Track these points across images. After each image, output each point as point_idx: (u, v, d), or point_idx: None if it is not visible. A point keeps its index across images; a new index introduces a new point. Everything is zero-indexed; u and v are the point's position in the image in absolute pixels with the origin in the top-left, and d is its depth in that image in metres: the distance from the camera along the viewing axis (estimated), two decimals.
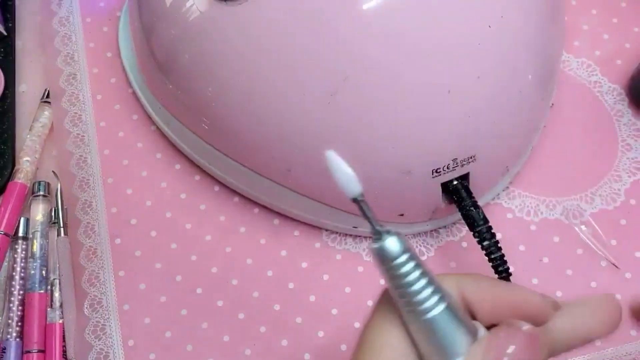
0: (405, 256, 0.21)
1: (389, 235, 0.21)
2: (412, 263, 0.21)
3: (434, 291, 0.21)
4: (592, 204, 0.42)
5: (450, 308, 0.21)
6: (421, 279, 0.21)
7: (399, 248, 0.21)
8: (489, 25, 0.35)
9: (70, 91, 0.45)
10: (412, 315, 0.21)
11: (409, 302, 0.21)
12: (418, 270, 0.21)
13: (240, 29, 0.35)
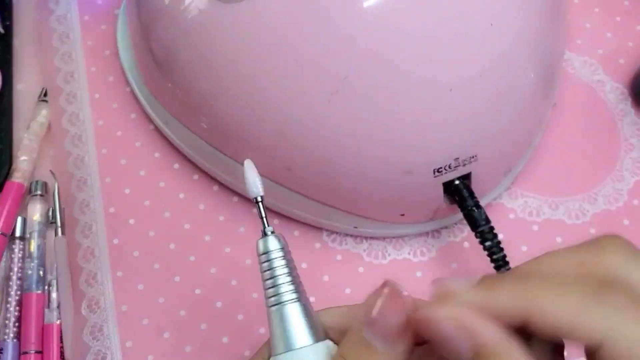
0: (280, 253, 0.25)
1: (274, 234, 0.26)
2: (284, 261, 0.25)
3: (293, 289, 0.25)
4: (595, 204, 0.42)
5: (301, 308, 0.25)
6: (287, 276, 0.25)
7: (277, 246, 0.26)
8: (491, 24, 0.35)
9: (68, 90, 0.45)
10: (272, 302, 0.25)
11: (271, 291, 0.25)
12: (287, 268, 0.25)
13: (239, 27, 0.35)
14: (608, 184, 0.43)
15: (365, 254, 0.41)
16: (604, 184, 0.43)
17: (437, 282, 0.24)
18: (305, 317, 0.24)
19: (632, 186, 0.42)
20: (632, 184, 0.43)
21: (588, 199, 0.42)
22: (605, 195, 0.42)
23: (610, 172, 0.43)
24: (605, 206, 0.42)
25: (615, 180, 0.43)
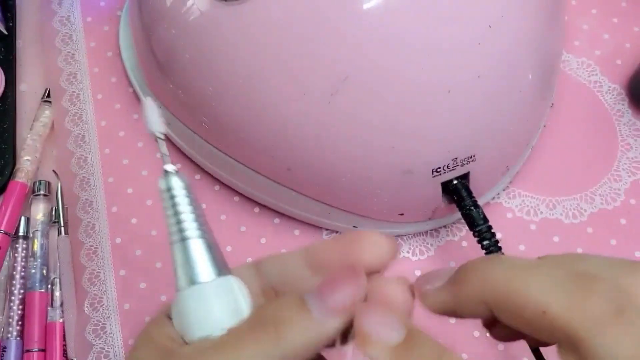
0: (183, 191, 0.24)
1: (177, 173, 0.25)
2: (187, 199, 0.24)
3: (196, 226, 0.24)
4: (592, 204, 0.42)
5: (203, 243, 0.24)
6: (190, 213, 0.24)
7: (180, 184, 0.24)
8: (489, 25, 0.35)
9: (71, 90, 0.46)
10: (174, 238, 0.24)
11: (174, 226, 0.24)
12: (190, 206, 0.24)
13: (241, 28, 0.35)
14: (605, 184, 0.43)
15: None
16: (601, 183, 0.43)
17: (418, 280, 0.24)
18: (208, 252, 0.24)
19: (629, 186, 0.43)
20: (629, 183, 0.43)
21: (585, 199, 0.42)
22: (602, 194, 0.43)
23: (607, 172, 0.43)
24: (603, 206, 0.42)
25: (613, 180, 0.43)
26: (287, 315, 0.21)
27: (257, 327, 0.21)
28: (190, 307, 0.23)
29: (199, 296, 0.23)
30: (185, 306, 0.23)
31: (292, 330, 0.21)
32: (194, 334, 0.22)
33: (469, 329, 0.39)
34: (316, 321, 0.22)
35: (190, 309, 0.23)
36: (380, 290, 0.23)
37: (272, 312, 0.22)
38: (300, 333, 0.21)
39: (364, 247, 0.23)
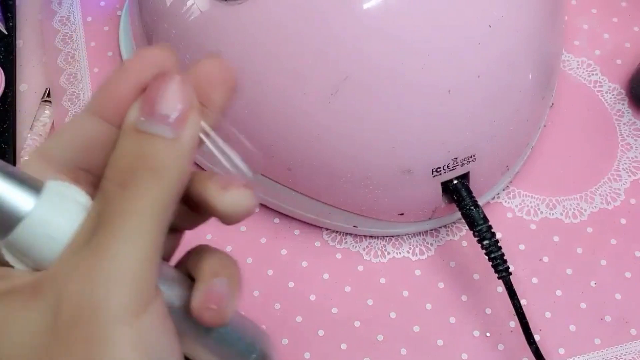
0: None
1: None
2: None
3: None
4: (592, 204, 0.42)
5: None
6: None
7: None
8: (489, 25, 0.35)
9: (71, 90, 0.46)
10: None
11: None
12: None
13: (241, 28, 0.35)
14: (605, 184, 0.43)
15: (364, 252, 0.41)
16: (601, 183, 0.43)
17: None
18: (6, 178, 0.20)
19: (629, 185, 0.43)
20: (629, 183, 0.43)
21: (585, 198, 0.42)
22: (602, 194, 0.43)
23: (607, 172, 0.43)
24: (603, 205, 0.42)
25: (613, 179, 0.43)
26: (148, 153, 0.20)
27: (127, 186, 0.19)
28: (32, 240, 0.20)
29: (34, 225, 0.20)
30: (25, 244, 0.20)
31: (164, 162, 0.20)
32: (54, 256, 0.20)
33: (468, 329, 0.39)
34: (174, 141, 0.20)
35: (33, 241, 0.20)
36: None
37: (131, 162, 0.20)
38: (171, 157, 0.20)
39: (149, 59, 0.21)
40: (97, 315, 0.19)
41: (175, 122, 0.20)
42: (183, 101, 0.20)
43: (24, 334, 0.19)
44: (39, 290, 0.20)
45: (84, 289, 0.19)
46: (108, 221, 0.20)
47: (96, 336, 0.19)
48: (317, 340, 0.39)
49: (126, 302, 0.19)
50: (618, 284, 0.40)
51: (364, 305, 0.39)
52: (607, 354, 0.38)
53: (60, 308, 0.19)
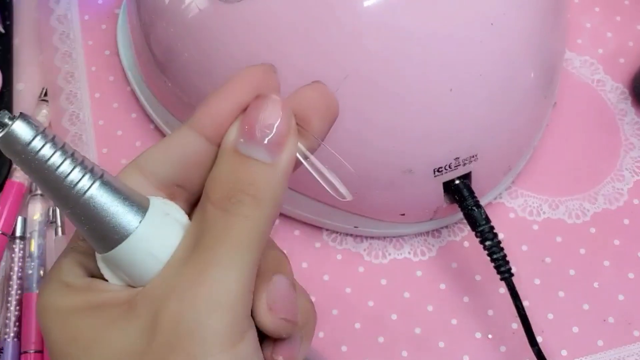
0: (40, 139, 0.19)
1: (15, 119, 0.18)
2: (50, 144, 0.19)
3: (83, 170, 0.19)
4: (595, 204, 0.42)
5: (108, 182, 0.20)
6: (65, 159, 0.19)
7: (29, 131, 0.18)
8: (491, 23, 0.34)
9: (68, 89, 0.45)
10: (70, 204, 0.20)
11: (61, 190, 0.19)
12: (59, 151, 0.19)
13: (239, 27, 0.35)
14: (608, 184, 0.43)
15: (365, 253, 0.41)
16: (604, 183, 0.43)
17: None
18: (118, 194, 0.20)
19: (632, 185, 0.42)
20: (632, 183, 0.42)
21: (588, 199, 0.42)
22: (605, 194, 0.42)
23: (610, 172, 0.43)
24: (606, 205, 0.42)
25: (616, 179, 0.43)
26: (247, 178, 0.20)
27: (228, 211, 0.20)
28: (133, 257, 0.20)
29: (138, 243, 0.20)
30: (126, 260, 0.20)
31: (262, 188, 0.20)
32: (152, 274, 0.20)
33: (470, 330, 0.39)
34: (273, 165, 0.20)
35: (134, 258, 0.20)
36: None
37: (232, 186, 0.20)
38: (269, 184, 0.20)
39: (250, 79, 0.22)
40: (196, 340, 0.19)
41: (273, 146, 0.21)
42: (281, 125, 0.21)
43: (117, 348, 0.20)
44: (135, 306, 0.20)
45: (184, 312, 0.19)
46: (209, 245, 0.20)
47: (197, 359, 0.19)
48: (318, 342, 0.38)
49: (225, 330, 0.19)
50: (621, 285, 0.40)
51: (364, 307, 0.39)
52: (610, 355, 0.38)
53: (157, 327, 0.19)
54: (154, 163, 0.22)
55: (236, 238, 0.20)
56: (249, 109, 0.21)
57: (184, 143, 0.22)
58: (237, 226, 0.20)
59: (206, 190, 0.21)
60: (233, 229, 0.20)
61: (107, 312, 0.20)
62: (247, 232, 0.20)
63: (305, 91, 0.23)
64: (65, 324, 0.21)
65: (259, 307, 0.21)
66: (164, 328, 0.19)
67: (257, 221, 0.20)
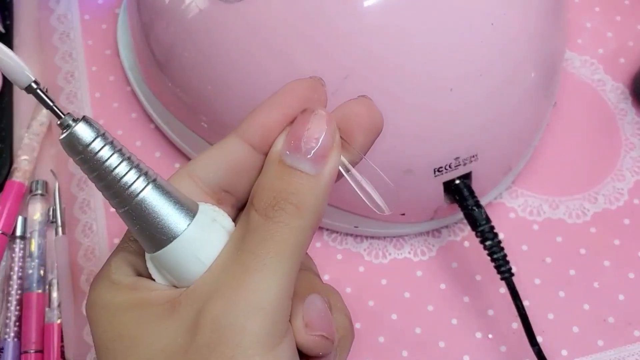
0: (99, 141, 0.20)
1: (77, 121, 0.20)
2: (109, 146, 0.20)
3: (138, 172, 0.21)
4: (596, 204, 0.42)
5: (160, 186, 0.21)
6: (122, 161, 0.20)
7: (90, 133, 0.20)
8: (491, 23, 0.34)
9: (69, 89, 0.45)
10: (124, 203, 0.21)
11: (116, 190, 0.21)
12: (117, 153, 0.20)
13: (240, 27, 0.35)
14: (609, 183, 0.43)
15: (365, 253, 0.41)
16: (604, 183, 0.43)
17: None
18: (168, 197, 0.21)
19: (632, 185, 0.42)
20: (632, 183, 0.42)
21: (588, 198, 0.42)
22: (605, 194, 0.42)
23: (610, 172, 0.43)
24: (606, 205, 0.42)
25: (616, 179, 0.43)
26: (290, 188, 0.21)
27: (271, 218, 0.21)
28: (179, 258, 0.21)
29: (185, 245, 0.21)
30: (172, 261, 0.21)
31: (304, 198, 0.21)
32: (196, 276, 0.21)
33: (470, 330, 0.39)
34: (317, 177, 0.22)
35: (180, 260, 0.21)
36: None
37: (276, 195, 0.21)
38: (311, 195, 0.21)
39: (299, 92, 0.23)
40: (237, 341, 0.20)
41: (317, 159, 0.22)
42: (326, 139, 0.22)
43: (160, 346, 0.20)
44: (178, 306, 0.21)
45: (225, 314, 0.20)
46: (251, 250, 0.21)
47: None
48: None
49: (264, 333, 0.20)
50: (621, 285, 0.40)
51: (364, 307, 0.39)
52: (610, 355, 0.38)
53: (198, 328, 0.20)
54: (203, 169, 0.23)
55: (277, 245, 0.21)
56: (296, 122, 0.22)
57: (232, 151, 0.23)
58: (278, 233, 0.21)
59: (251, 198, 0.22)
60: (275, 236, 0.21)
61: (151, 309, 0.21)
62: (287, 239, 0.21)
63: (351, 105, 0.23)
64: (112, 320, 0.22)
65: (296, 325, 0.22)
66: (205, 329, 0.20)
67: (298, 230, 0.21)
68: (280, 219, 0.21)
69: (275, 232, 0.21)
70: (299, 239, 0.21)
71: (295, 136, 0.22)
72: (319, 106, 0.23)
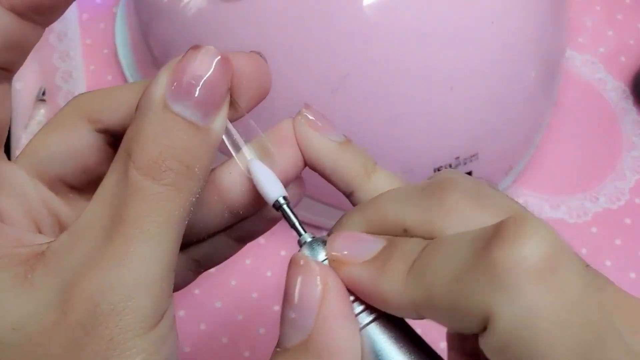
0: None
1: (316, 241, 0.21)
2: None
3: None
4: (596, 203, 0.42)
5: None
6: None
7: (323, 254, 0.20)
8: (491, 22, 0.34)
9: (67, 89, 0.45)
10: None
11: None
12: None
13: (238, 26, 0.34)
14: (609, 183, 0.42)
15: None
16: (605, 182, 0.42)
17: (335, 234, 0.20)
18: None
19: (633, 185, 0.42)
20: (633, 182, 0.42)
21: (589, 198, 0.42)
22: (606, 194, 0.42)
23: (611, 171, 0.43)
24: (607, 205, 0.42)
25: (617, 178, 0.42)
26: (179, 144, 0.18)
27: (157, 180, 0.18)
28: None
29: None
30: None
31: (196, 155, 0.18)
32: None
33: None
34: (204, 132, 0.18)
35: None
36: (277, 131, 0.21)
37: (162, 150, 0.18)
38: (203, 152, 0.18)
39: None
40: (115, 323, 0.17)
41: (210, 108, 0.18)
42: (222, 85, 0.18)
43: (10, 320, 0.17)
44: (31, 273, 0.18)
45: (105, 291, 0.17)
46: (134, 217, 0.17)
47: (115, 344, 0.17)
48: None
49: (147, 312, 0.18)
50: (622, 285, 0.39)
51: None
52: None
53: (70, 305, 0.17)
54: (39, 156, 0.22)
55: (165, 211, 0.18)
56: (185, 60, 0.19)
57: (74, 136, 0.22)
58: (166, 198, 0.18)
59: (127, 149, 0.18)
60: (163, 202, 0.18)
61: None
62: (176, 204, 0.18)
63: (241, 58, 0.20)
64: None
65: None
66: (79, 307, 0.17)
67: (188, 193, 0.18)
68: (169, 182, 0.18)
69: (162, 197, 0.18)
70: (187, 203, 0.18)
71: (185, 77, 0.18)
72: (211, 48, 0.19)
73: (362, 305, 0.19)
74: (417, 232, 0.18)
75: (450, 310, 0.16)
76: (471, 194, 0.18)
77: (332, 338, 0.17)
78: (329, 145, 0.22)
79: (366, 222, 0.20)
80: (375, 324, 0.18)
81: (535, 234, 0.15)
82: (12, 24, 0.20)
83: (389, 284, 0.17)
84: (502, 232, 0.15)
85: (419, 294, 0.17)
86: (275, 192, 0.20)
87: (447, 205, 0.18)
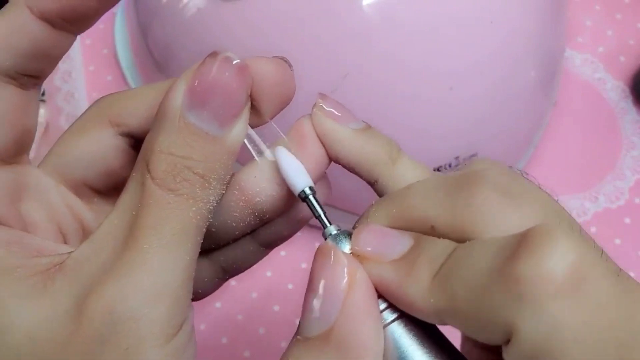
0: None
1: (343, 233, 0.21)
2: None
3: None
4: (596, 203, 0.42)
5: None
6: None
7: (348, 246, 0.21)
8: (491, 22, 0.34)
9: (66, 89, 0.45)
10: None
11: None
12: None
13: (238, 26, 0.34)
14: (609, 182, 0.42)
15: None
16: (605, 182, 0.42)
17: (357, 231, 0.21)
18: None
19: (633, 184, 0.42)
20: (633, 182, 0.42)
21: (589, 198, 0.42)
22: (606, 193, 0.42)
23: (611, 171, 0.43)
24: (607, 204, 0.42)
25: (616, 178, 0.42)
26: (195, 154, 0.18)
27: (174, 190, 0.18)
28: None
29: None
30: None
31: (211, 166, 0.18)
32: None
33: None
34: (221, 139, 0.18)
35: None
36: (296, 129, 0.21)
37: (178, 161, 0.18)
38: (219, 162, 0.18)
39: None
40: (133, 332, 0.17)
41: (226, 118, 0.18)
42: (239, 94, 0.18)
43: (25, 328, 0.17)
44: (51, 284, 0.18)
45: (122, 300, 0.17)
46: (150, 227, 0.17)
47: (131, 354, 0.17)
48: None
49: (164, 322, 0.17)
50: None
51: None
52: None
53: (86, 314, 0.17)
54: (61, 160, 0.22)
55: (181, 221, 0.18)
56: (201, 70, 0.18)
57: (93, 140, 0.21)
58: (182, 208, 0.18)
59: (145, 160, 0.18)
60: (179, 211, 0.18)
61: (16, 281, 0.18)
62: (194, 215, 0.18)
63: (263, 64, 0.19)
64: None
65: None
66: (94, 316, 0.17)
67: (205, 203, 0.18)
68: (184, 192, 0.18)
69: (179, 207, 0.18)
70: (204, 213, 0.18)
71: (200, 87, 0.18)
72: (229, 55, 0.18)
73: (386, 302, 0.18)
74: (444, 231, 0.18)
75: (473, 321, 0.16)
76: (502, 189, 0.18)
77: (355, 332, 0.17)
78: (351, 135, 0.21)
79: (392, 216, 0.20)
80: (399, 322, 0.18)
81: (562, 246, 0.15)
82: (42, 33, 0.20)
83: (414, 288, 0.17)
84: (528, 243, 0.15)
85: (443, 302, 0.17)
86: (301, 182, 0.20)
87: (475, 205, 0.18)
